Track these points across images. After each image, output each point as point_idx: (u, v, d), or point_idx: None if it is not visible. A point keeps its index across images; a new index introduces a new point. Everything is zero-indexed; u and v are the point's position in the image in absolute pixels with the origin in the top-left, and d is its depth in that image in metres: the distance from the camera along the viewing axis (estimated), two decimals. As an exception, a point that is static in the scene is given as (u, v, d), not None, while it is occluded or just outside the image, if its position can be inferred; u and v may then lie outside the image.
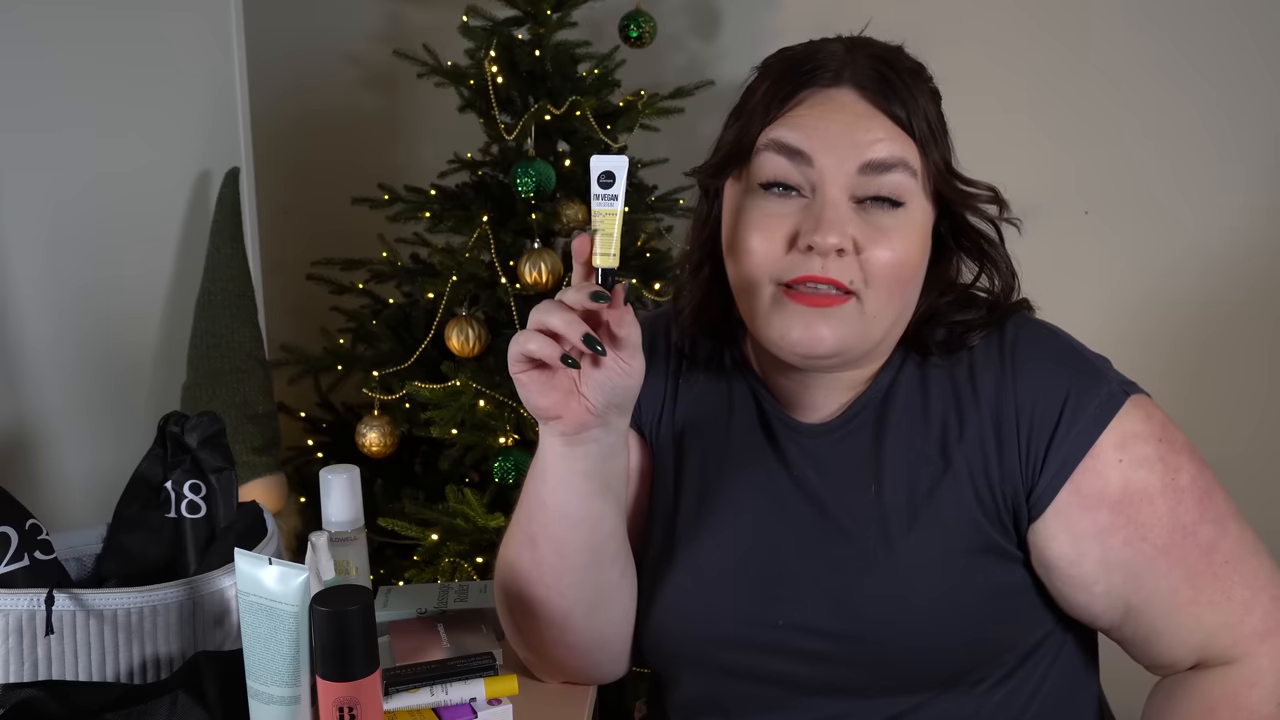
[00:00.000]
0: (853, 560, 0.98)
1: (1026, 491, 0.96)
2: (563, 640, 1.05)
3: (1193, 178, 2.08)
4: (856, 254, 0.94)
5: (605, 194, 0.91)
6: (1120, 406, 0.96)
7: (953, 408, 0.98)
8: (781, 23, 2.20)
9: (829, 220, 0.92)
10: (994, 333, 1.00)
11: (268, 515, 1.09)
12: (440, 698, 0.98)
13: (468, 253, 1.83)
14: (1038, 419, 0.95)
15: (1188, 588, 0.96)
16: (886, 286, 0.95)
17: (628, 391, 0.93)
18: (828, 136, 0.94)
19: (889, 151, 0.94)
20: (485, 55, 1.88)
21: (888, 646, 0.96)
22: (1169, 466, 0.96)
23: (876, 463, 0.99)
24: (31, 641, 0.94)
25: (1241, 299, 2.08)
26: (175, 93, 1.81)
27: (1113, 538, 0.95)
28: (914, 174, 0.95)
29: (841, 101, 0.95)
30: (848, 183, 0.94)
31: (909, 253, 0.95)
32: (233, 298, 1.84)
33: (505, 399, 1.78)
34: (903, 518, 0.97)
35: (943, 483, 0.97)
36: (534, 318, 0.91)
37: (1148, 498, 0.95)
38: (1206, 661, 0.98)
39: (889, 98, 0.95)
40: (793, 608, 0.99)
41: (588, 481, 0.97)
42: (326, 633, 0.82)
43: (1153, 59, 2.06)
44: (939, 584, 0.96)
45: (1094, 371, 0.98)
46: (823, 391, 1.02)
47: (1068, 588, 0.97)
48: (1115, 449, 0.95)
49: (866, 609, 0.97)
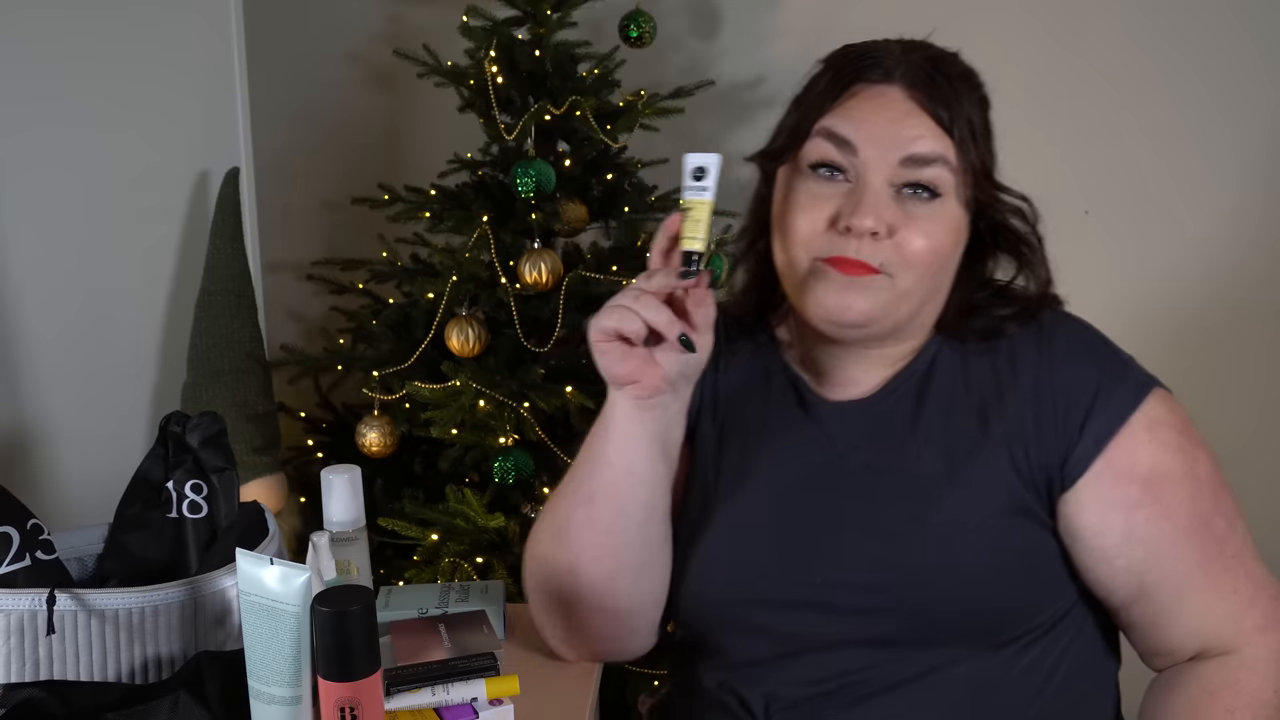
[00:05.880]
0: (892, 519, 1.03)
1: (1061, 461, 1.01)
2: (605, 604, 1.09)
3: (1192, 178, 2.08)
4: (890, 237, 1.00)
5: (696, 185, 0.98)
6: (1149, 393, 1.02)
7: (992, 383, 1.04)
8: (781, 23, 2.20)
9: (866, 205, 0.99)
10: (1031, 321, 1.06)
11: (269, 515, 1.09)
12: (441, 698, 0.98)
13: (468, 253, 1.83)
14: (1075, 394, 1.01)
15: (1201, 574, 1.01)
16: (918, 270, 1.01)
17: (699, 364, 1.01)
18: (875, 129, 1.01)
19: (930, 148, 1.00)
20: (485, 55, 1.88)
21: (924, 600, 1.01)
22: (1189, 457, 1.02)
23: (916, 429, 1.05)
24: (33, 641, 0.94)
25: (1240, 298, 2.08)
26: (175, 93, 1.81)
27: (1138, 513, 1.00)
28: (953, 170, 1.01)
29: (891, 97, 1.02)
30: (889, 173, 1.01)
31: (939, 241, 1.02)
32: (233, 298, 1.84)
33: (505, 399, 1.78)
34: (942, 480, 1.02)
35: (982, 448, 1.02)
36: (626, 302, 0.97)
37: (1172, 481, 1.01)
38: (1206, 652, 1.02)
39: (934, 98, 1.01)
40: (832, 566, 1.03)
41: (651, 444, 1.04)
42: (328, 633, 0.82)
43: (1152, 59, 2.06)
44: (976, 542, 1.01)
45: (1125, 360, 1.05)
46: (862, 367, 1.08)
47: (1090, 559, 1.02)
48: (1145, 430, 1.01)
49: (905, 564, 1.01)
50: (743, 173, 2.40)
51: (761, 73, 2.22)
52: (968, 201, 1.03)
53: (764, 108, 2.23)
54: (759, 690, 1.05)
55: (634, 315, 0.96)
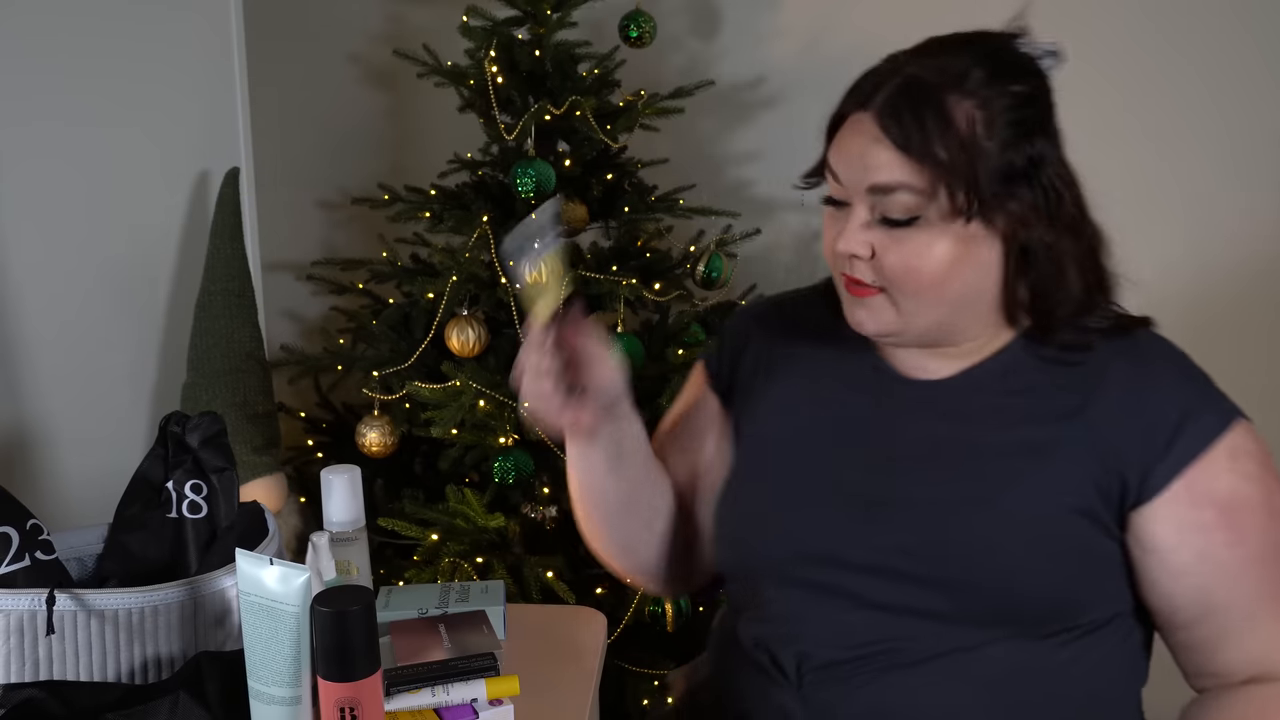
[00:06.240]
0: (958, 495, 1.04)
1: (1141, 475, 1.02)
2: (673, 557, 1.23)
3: (1192, 178, 2.08)
4: (874, 259, 1.03)
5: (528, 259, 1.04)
6: (1235, 422, 1.04)
7: (1079, 388, 1.05)
8: (781, 23, 2.20)
9: (847, 232, 1.04)
10: (1123, 336, 1.07)
11: (269, 515, 1.09)
12: (441, 698, 0.98)
13: (468, 253, 1.83)
14: (1164, 413, 1.03)
15: (1271, 601, 1.03)
16: (908, 289, 1.03)
17: (614, 386, 1.08)
18: (849, 159, 1.04)
19: (888, 177, 1.01)
20: (485, 55, 1.88)
21: (976, 578, 1.02)
22: (1268, 489, 1.03)
23: (992, 415, 1.06)
24: (33, 641, 0.94)
25: (1238, 298, 2.08)
26: (175, 92, 1.81)
27: (1215, 535, 1.01)
28: (922, 194, 1.00)
29: (864, 126, 1.02)
30: (865, 200, 1.03)
31: (921, 261, 1.01)
32: (233, 298, 1.84)
33: (505, 399, 1.78)
34: (1013, 467, 1.04)
35: (1060, 446, 1.03)
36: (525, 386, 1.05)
37: (1250, 508, 1.02)
38: (1261, 677, 1.04)
39: (898, 124, 1.00)
40: (890, 529, 1.05)
41: (608, 458, 1.14)
42: (328, 633, 0.82)
43: (1152, 59, 2.06)
44: (1038, 532, 1.02)
45: (1216, 389, 1.06)
46: (933, 360, 1.10)
47: (1160, 572, 1.03)
48: (1227, 457, 1.02)
49: (963, 540, 1.02)
50: (743, 173, 2.40)
51: (761, 73, 2.22)
52: (964, 217, 1.00)
53: (764, 108, 2.23)
54: (792, 650, 1.07)
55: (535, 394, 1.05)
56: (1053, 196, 1.04)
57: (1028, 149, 1.02)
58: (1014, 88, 1.03)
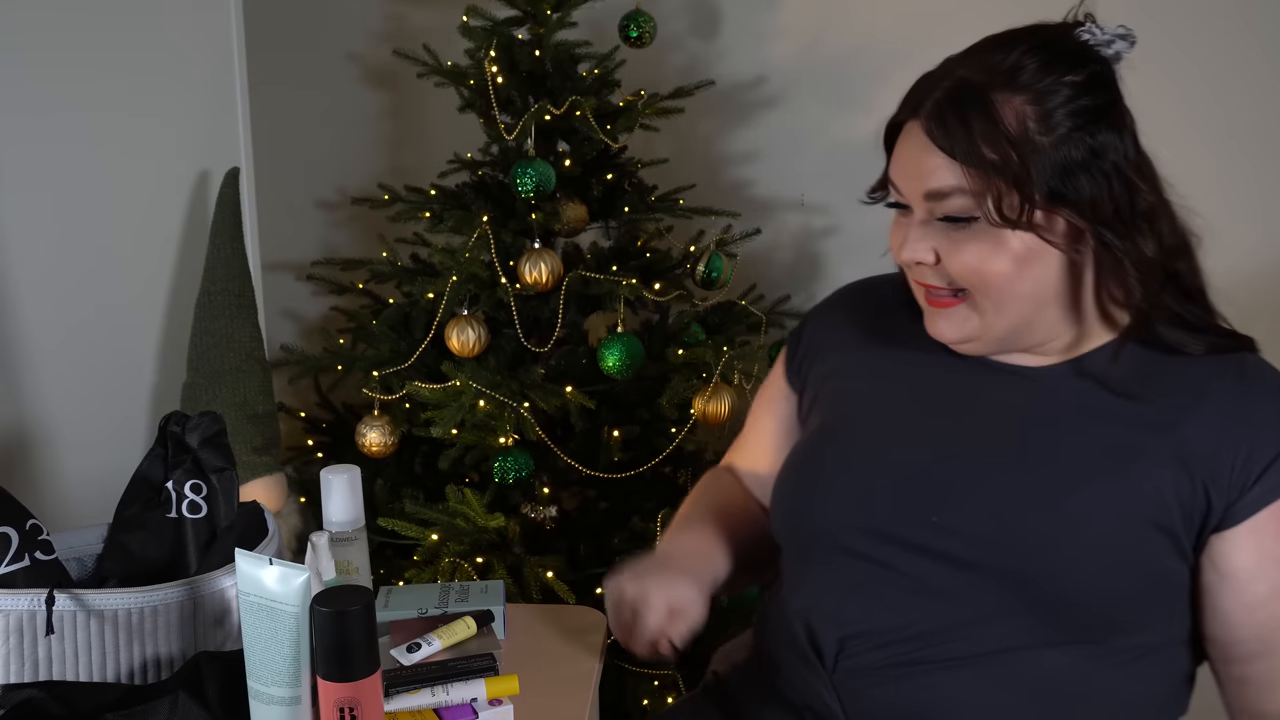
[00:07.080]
0: (1026, 485, 1.02)
1: (1229, 500, 1.00)
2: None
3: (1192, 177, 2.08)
4: (939, 264, 1.04)
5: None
6: None
7: (1175, 400, 1.03)
8: (781, 23, 2.20)
9: (909, 240, 1.04)
10: (1229, 356, 1.05)
11: (268, 515, 1.09)
12: (441, 698, 0.98)
13: (468, 253, 1.83)
14: (1264, 441, 1.00)
15: None
16: (981, 290, 1.02)
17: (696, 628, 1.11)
18: (905, 168, 1.04)
19: (940, 182, 1.01)
20: (485, 55, 1.88)
21: (1030, 572, 1.00)
22: None
23: (1078, 411, 1.04)
24: (32, 641, 0.94)
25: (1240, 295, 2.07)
26: (175, 93, 1.81)
27: None
28: (976, 196, 0.99)
29: (915, 134, 1.03)
30: (923, 207, 1.03)
31: (985, 261, 1.01)
32: (233, 298, 1.83)
33: (505, 399, 1.78)
34: (1092, 467, 1.01)
35: (1146, 455, 1.01)
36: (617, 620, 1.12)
37: None
38: None
39: (941, 134, 1.00)
40: (951, 509, 1.03)
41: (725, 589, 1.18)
42: (327, 633, 0.82)
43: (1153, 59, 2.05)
44: (1105, 537, 0.99)
45: None
46: (1023, 357, 1.09)
47: (1232, 602, 1.01)
48: None
49: (1023, 531, 1.01)
50: (743, 173, 2.40)
51: (761, 73, 2.22)
52: (1021, 215, 0.99)
53: (764, 108, 2.23)
54: (833, 636, 1.04)
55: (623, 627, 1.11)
56: (1119, 189, 1.00)
57: (1088, 140, 0.99)
58: (1070, 77, 1.00)
